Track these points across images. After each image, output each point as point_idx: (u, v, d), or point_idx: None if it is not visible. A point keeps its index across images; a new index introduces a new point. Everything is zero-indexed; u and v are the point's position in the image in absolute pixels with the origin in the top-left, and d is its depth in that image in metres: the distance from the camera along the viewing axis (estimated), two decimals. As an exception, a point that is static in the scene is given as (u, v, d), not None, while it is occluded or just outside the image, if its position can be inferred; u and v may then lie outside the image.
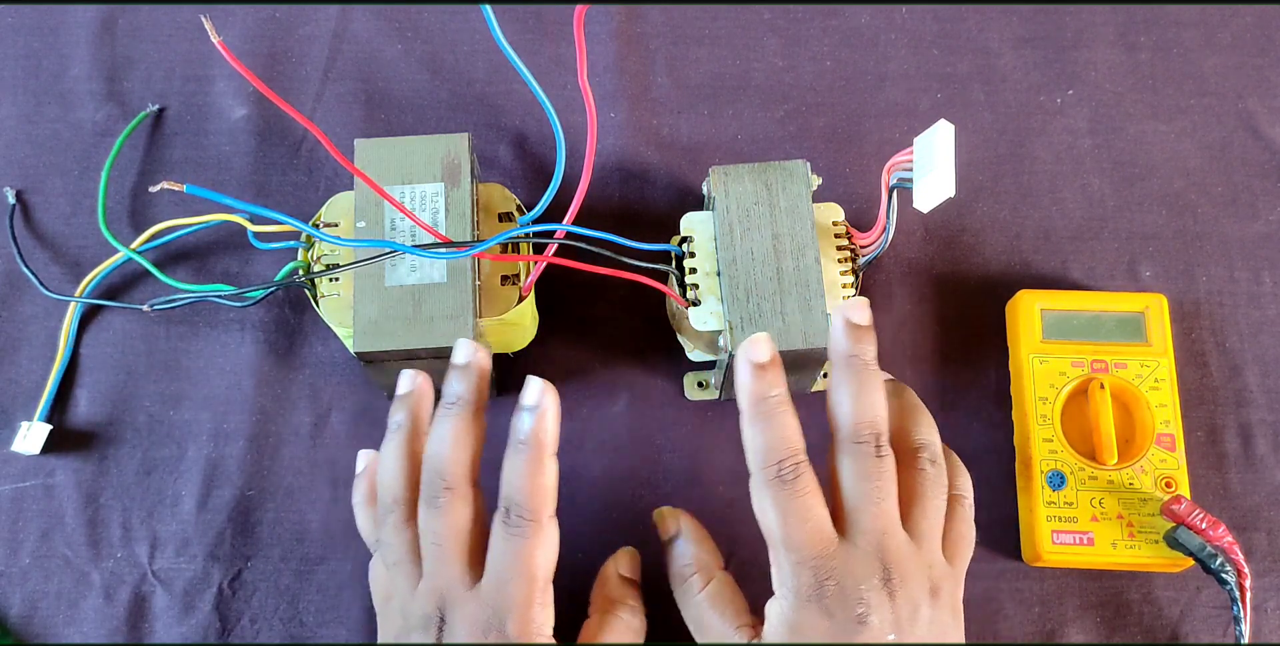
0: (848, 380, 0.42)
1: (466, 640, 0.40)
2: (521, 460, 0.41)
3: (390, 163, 0.49)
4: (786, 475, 0.40)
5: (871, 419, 0.41)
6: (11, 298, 0.55)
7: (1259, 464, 0.53)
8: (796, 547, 0.40)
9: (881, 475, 0.41)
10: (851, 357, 0.42)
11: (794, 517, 0.40)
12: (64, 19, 0.60)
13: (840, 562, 0.40)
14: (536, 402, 0.41)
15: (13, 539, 0.52)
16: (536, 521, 0.41)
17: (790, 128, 0.59)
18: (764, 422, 0.41)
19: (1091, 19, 0.61)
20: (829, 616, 0.39)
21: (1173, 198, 0.58)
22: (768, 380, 0.42)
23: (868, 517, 0.40)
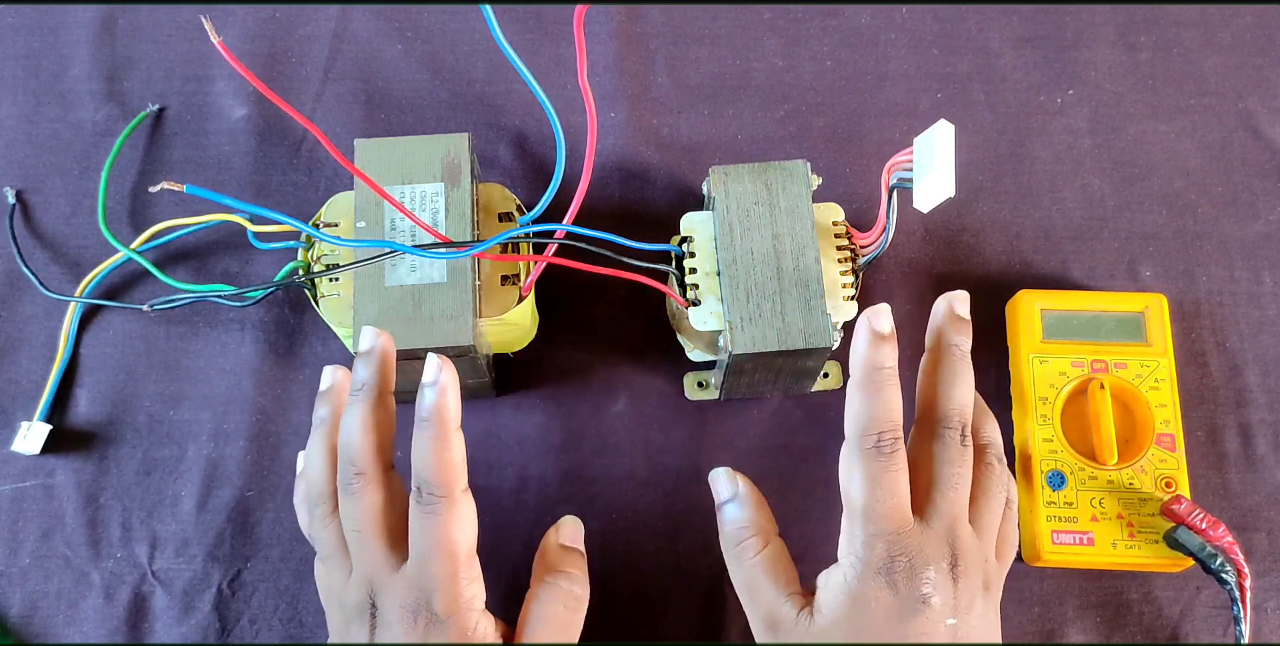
0: (954, 367, 0.44)
1: (396, 623, 0.40)
2: (426, 438, 0.41)
3: (390, 163, 0.49)
4: (885, 447, 0.41)
5: (961, 408, 0.43)
6: (11, 298, 0.55)
7: (1259, 464, 0.53)
8: (878, 519, 0.41)
9: (964, 463, 0.42)
10: (956, 347, 0.44)
11: (883, 490, 0.41)
12: (64, 19, 0.60)
13: (915, 541, 0.41)
14: (435, 379, 0.41)
15: (13, 539, 0.52)
16: (448, 497, 0.41)
17: (790, 128, 0.59)
18: (874, 392, 0.42)
19: (1091, 19, 0.61)
20: (894, 591, 0.40)
21: (1173, 198, 0.58)
22: (884, 351, 0.42)
23: (946, 502, 0.42)
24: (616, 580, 0.51)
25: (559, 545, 0.47)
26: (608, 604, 0.51)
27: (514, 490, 0.52)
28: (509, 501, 0.52)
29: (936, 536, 0.41)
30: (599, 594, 0.51)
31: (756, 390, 0.52)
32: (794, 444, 0.53)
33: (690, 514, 0.52)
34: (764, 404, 0.54)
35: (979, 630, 0.41)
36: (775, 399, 0.54)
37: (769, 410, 0.54)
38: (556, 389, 0.54)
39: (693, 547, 0.52)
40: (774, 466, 0.53)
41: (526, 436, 0.53)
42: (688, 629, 0.51)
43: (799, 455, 0.53)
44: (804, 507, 0.52)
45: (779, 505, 0.52)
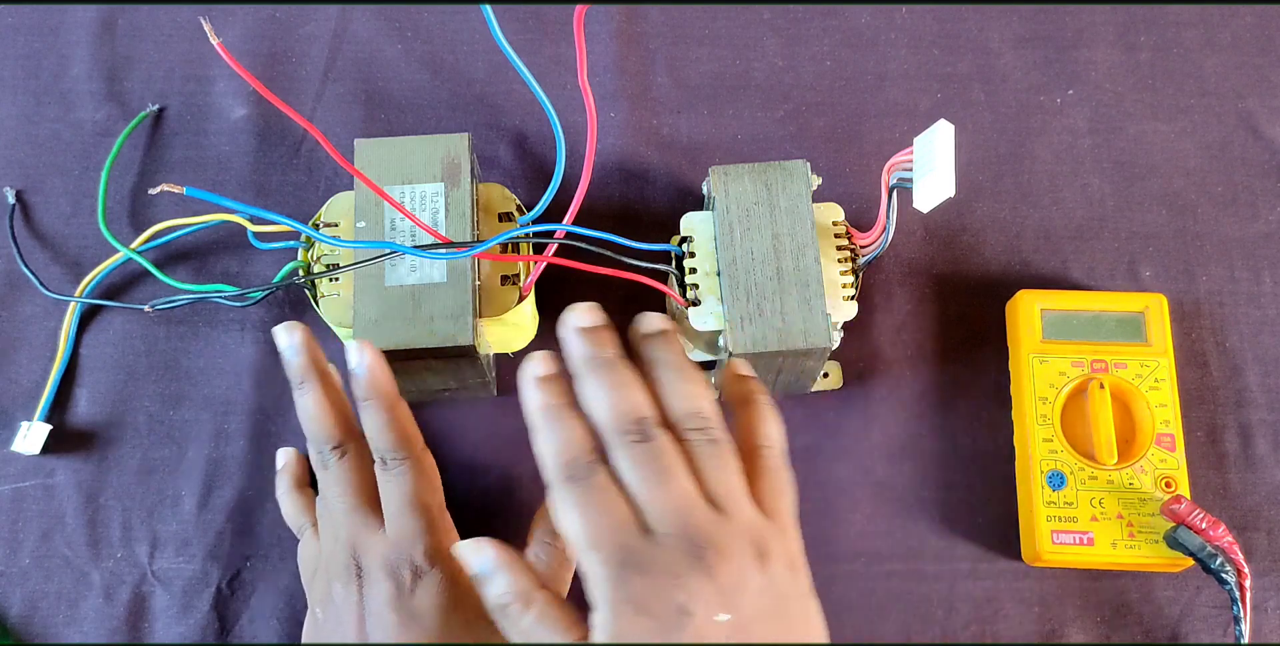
0: (593, 380, 0.40)
1: (383, 579, 0.44)
2: (373, 412, 0.45)
3: (390, 163, 0.49)
4: (579, 473, 0.38)
5: (625, 408, 0.39)
6: (11, 298, 0.55)
7: (1259, 464, 0.53)
8: (597, 545, 0.37)
9: (655, 458, 0.38)
10: (590, 359, 0.40)
11: (590, 512, 0.38)
12: (64, 19, 0.60)
13: (646, 555, 0.37)
14: (359, 362, 0.45)
15: (13, 539, 0.52)
16: (409, 457, 0.45)
17: (790, 128, 0.59)
18: (547, 429, 0.40)
19: (1091, 19, 0.61)
20: (649, 615, 0.36)
21: (1173, 198, 0.58)
22: (548, 390, 0.40)
23: (657, 503, 0.38)
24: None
25: None
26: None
27: (514, 490, 0.52)
28: (509, 501, 0.52)
29: (667, 540, 0.37)
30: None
31: None
32: (794, 444, 0.53)
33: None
34: (764, 404, 0.54)
35: (766, 608, 0.37)
36: (775, 399, 0.54)
37: (769, 410, 0.54)
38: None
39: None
40: (774, 466, 0.53)
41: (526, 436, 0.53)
42: None
43: (799, 455, 0.53)
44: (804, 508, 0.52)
45: (779, 505, 0.52)
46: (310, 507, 0.50)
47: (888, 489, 0.53)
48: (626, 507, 0.38)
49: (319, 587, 0.46)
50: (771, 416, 0.43)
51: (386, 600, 0.43)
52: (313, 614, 0.46)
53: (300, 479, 0.51)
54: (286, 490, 0.51)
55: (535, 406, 0.40)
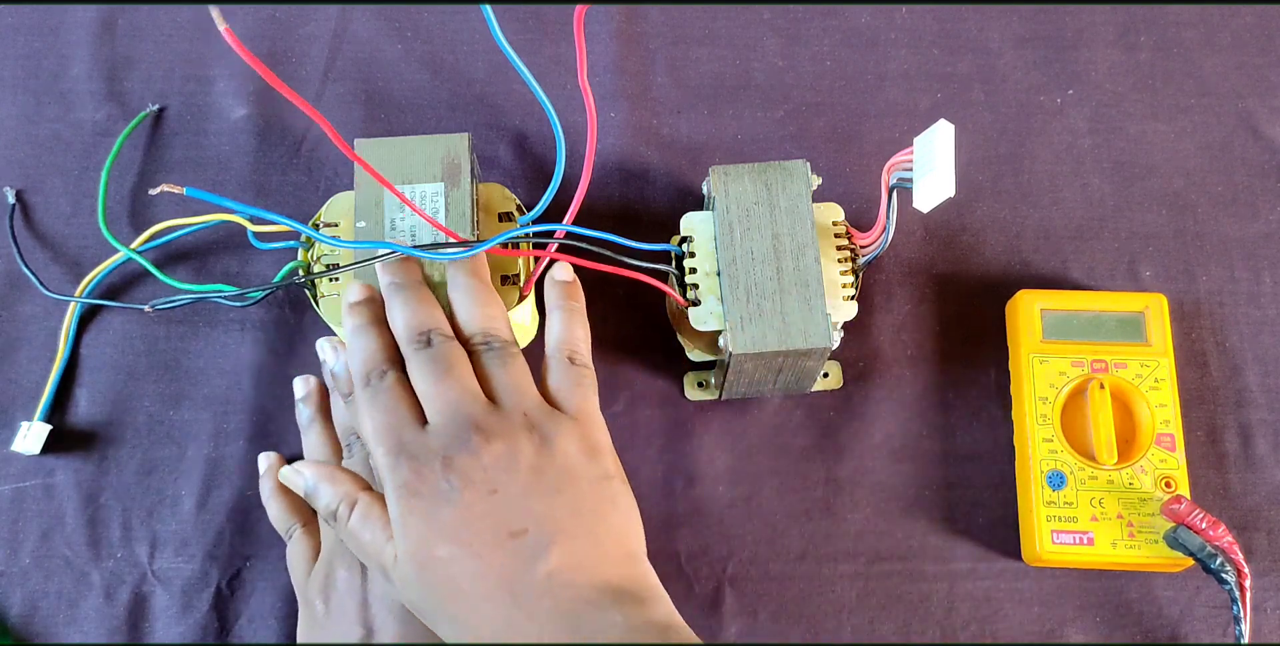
0: (393, 301, 0.45)
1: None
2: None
3: (390, 163, 0.49)
4: (373, 379, 0.43)
5: (415, 322, 0.43)
6: (11, 298, 0.55)
7: (1259, 464, 0.53)
8: (380, 439, 0.41)
9: (435, 359, 0.42)
10: (390, 284, 0.45)
11: (378, 410, 0.42)
12: (64, 19, 0.60)
13: (419, 442, 0.41)
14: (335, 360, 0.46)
15: (13, 539, 0.52)
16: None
17: (790, 128, 0.59)
18: (355, 345, 0.44)
19: (1091, 19, 0.61)
20: (419, 495, 0.40)
21: (1173, 198, 0.58)
22: (358, 313, 0.45)
23: (434, 398, 0.42)
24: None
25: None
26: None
27: None
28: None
29: (437, 430, 0.41)
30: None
31: (756, 390, 0.52)
32: (794, 444, 0.53)
33: (690, 514, 0.52)
34: (764, 404, 0.54)
35: (543, 487, 0.40)
36: (775, 399, 0.54)
37: (769, 410, 0.54)
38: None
39: (693, 547, 0.52)
40: (774, 466, 0.53)
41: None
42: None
43: (799, 455, 0.53)
44: (804, 507, 0.52)
45: (779, 504, 0.52)
46: (298, 509, 0.50)
47: (888, 489, 0.53)
48: (411, 404, 0.42)
49: (318, 579, 0.46)
50: (575, 322, 0.46)
51: None
52: (309, 608, 0.46)
53: None
54: (273, 492, 0.51)
55: (348, 328, 0.45)
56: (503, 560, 0.39)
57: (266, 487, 0.51)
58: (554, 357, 0.45)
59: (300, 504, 0.50)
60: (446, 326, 0.44)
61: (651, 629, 0.38)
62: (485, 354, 0.43)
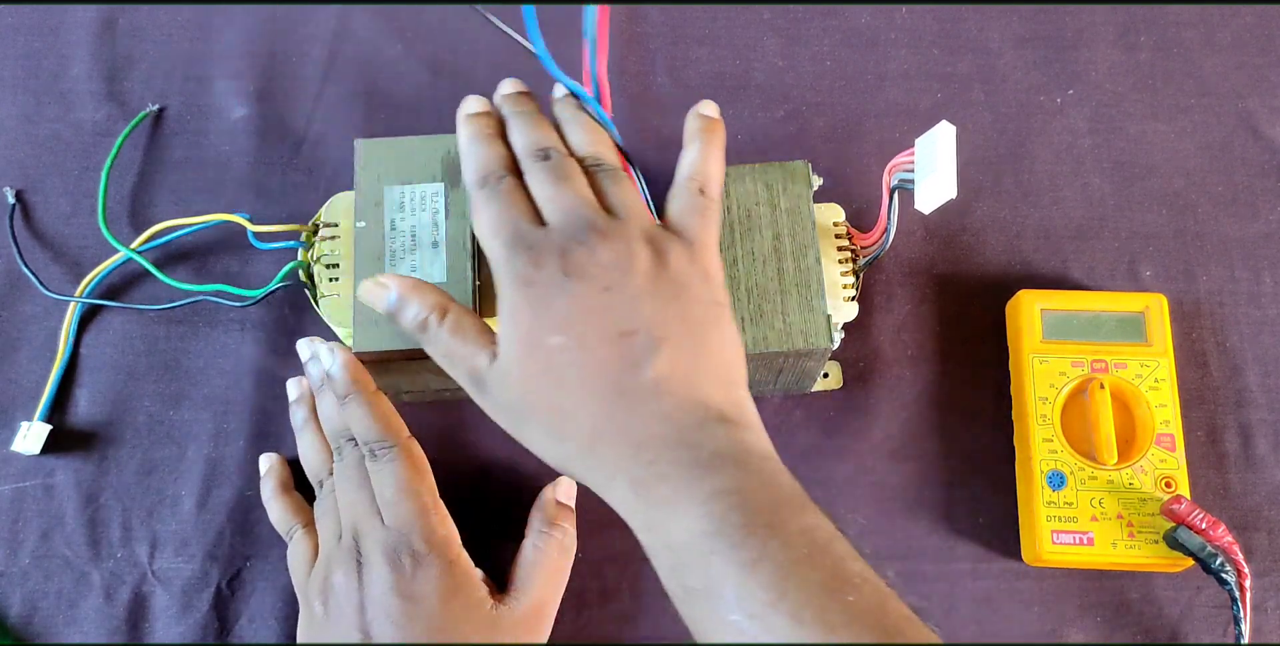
0: (513, 123, 0.46)
1: (382, 564, 0.44)
2: (353, 408, 0.46)
3: (390, 163, 0.49)
4: (491, 182, 0.43)
5: (535, 139, 0.44)
6: (11, 297, 0.55)
7: (1259, 464, 0.53)
8: (496, 232, 0.41)
9: (553, 168, 0.43)
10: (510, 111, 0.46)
11: (494, 207, 0.42)
12: (64, 19, 0.60)
13: (537, 235, 0.41)
14: (331, 363, 0.47)
15: (13, 539, 0.52)
16: (396, 445, 0.46)
17: (790, 128, 0.59)
18: (470, 152, 0.45)
19: (1091, 19, 0.61)
20: (533, 285, 0.40)
21: (1173, 198, 0.58)
22: (476, 123, 0.46)
23: (552, 200, 0.42)
24: (616, 579, 0.51)
25: (556, 501, 0.50)
26: (607, 602, 0.51)
27: (515, 490, 0.52)
28: (510, 501, 0.52)
29: (559, 223, 0.41)
30: (598, 593, 0.51)
31: (757, 390, 0.52)
32: (794, 444, 0.53)
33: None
34: (764, 404, 0.54)
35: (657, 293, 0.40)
36: (775, 399, 0.54)
37: (769, 410, 0.54)
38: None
39: (693, 547, 0.52)
40: (774, 466, 0.53)
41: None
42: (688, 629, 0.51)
43: (799, 455, 0.53)
44: (804, 507, 0.52)
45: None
46: (299, 510, 0.50)
47: (888, 489, 0.53)
48: (527, 204, 0.42)
49: (317, 581, 0.46)
50: (712, 155, 0.45)
51: (388, 586, 0.44)
52: (309, 609, 0.46)
53: (286, 482, 0.51)
54: (274, 493, 0.51)
55: (464, 137, 0.45)
56: (611, 356, 0.39)
57: (268, 488, 0.51)
58: (682, 185, 0.44)
59: (301, 505, 0.50)
60: (563, 147, 0.45)
61: (753, 452, 0.38)
62: (598, 173, 0.44)
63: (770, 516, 0.36)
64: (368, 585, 0.44)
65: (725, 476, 0.36)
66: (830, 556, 0.35)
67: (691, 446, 0.37)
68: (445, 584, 0.44)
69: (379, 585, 0.44)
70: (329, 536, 0.47)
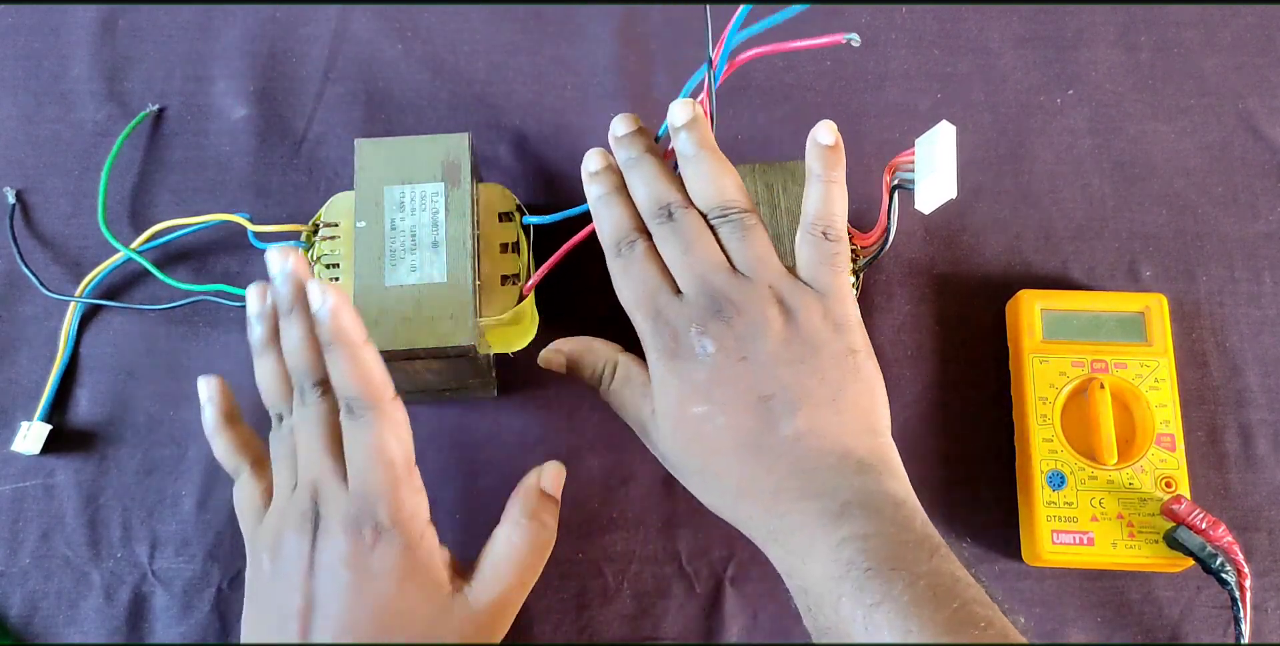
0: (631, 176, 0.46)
1: (341, 534, 0.41)
2: (340, 357, 0.41)
3: (390, 163, 0.49)
4: (624, 249, 0.45)
5: (655, 196, 0.46)
6: (11, 297, 0.55)
7: (1259, 464, 0.53)
8: (639, 305, 0.45)
9: (679, 231, 0.45)
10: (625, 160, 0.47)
11: (634, 279, 0.45)
12: (64, 19, 0.60)
13: (674, 309, 0.44)
14: (321, 303, 0.40)
15: (13, 539, 0.52)
16: (377, 406, 0.41)
17: (790, 128, 0.59)
18: (602, 215, 0.47)
19: (1091, 19, 0.61)
20: (676, 358, 0.43)
21: (1173, 198, 0.58)
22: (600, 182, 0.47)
23: (682, 267, 0.44)
24: (616, 579, 0.51)
25: (540, 490, 0.46)
26: (607, 602, 0.51)
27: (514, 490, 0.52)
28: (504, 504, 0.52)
29: (692, 298, 0.44)
30: (598, 593, 0.51)
31: None
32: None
33: (690, 514, 0.52)
34: (764, 404, 0.54)
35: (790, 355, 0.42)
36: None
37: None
38: (556, 389, 0.54)
39: (693, 547, 0.52)
40: (774, 466, 0.53)
41: (527, 436, 0.53)
42: (688, 629, 0.51)
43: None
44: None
45: (779, 505, 0.52)
46: (246, 445, 0.47)
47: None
48: (661, 273, 0.45)
49: (268, 534, 0.43)
50: (835, 195, 0.45)
51: (342, 557, 0.41)
52: (257, 561, 0.44)
53: (231, 412, 0.47)
54: (218, 425, 0.47)
55: (592, 197, 0.47)
56: (751, 420, 0.42)
57: (211, 418, 0.47)
58: (808, 231, 0.45)
59: (248, 439, 0.47)
60: (683, 197, 0.46)
61: (886, 499, 0.40)
62: (725, 226, 0.45)
63: (897, 561, 0.38)
64: (321, 551, 0.41)
65: (855, 524, 0.39)
66: (957, 599, 0.37)
67: (823, 497, 0.40)
68: (405, 562, 0.41)
69: (332, 552, 0.41)
70: (284, 484, 0.44)
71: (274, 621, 0.42)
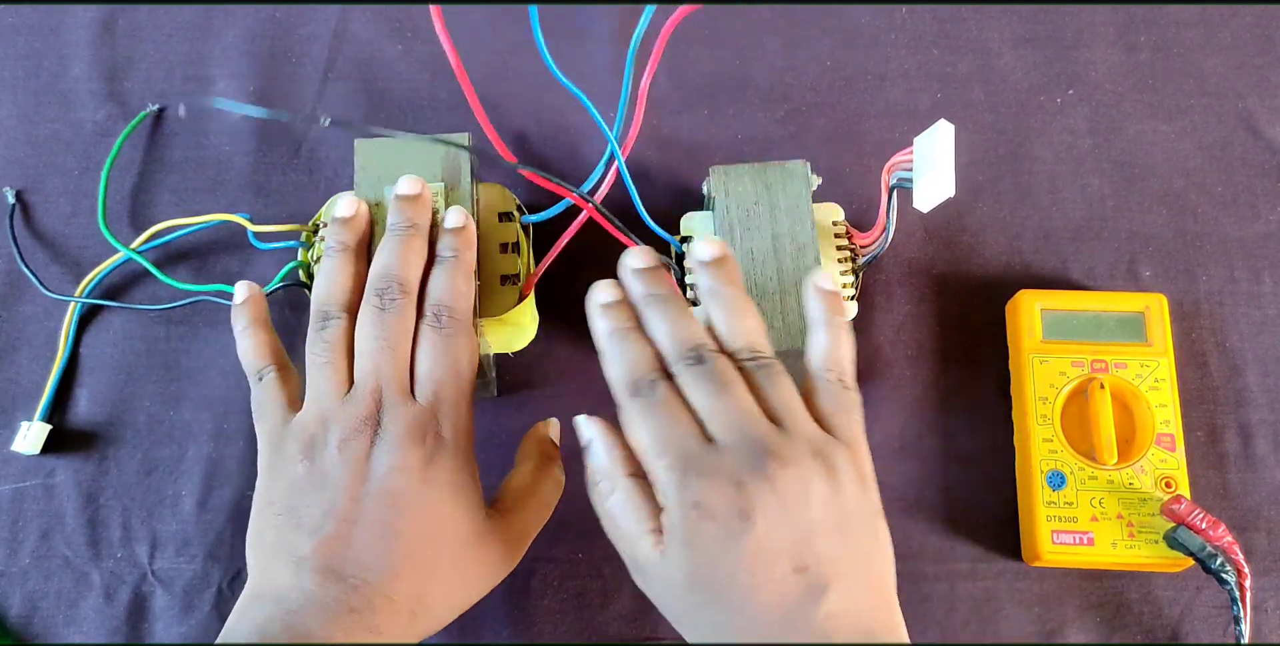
0: (651, 313, 0.43)
1: (404, 440, 0.41)
2: (446, 271, 0.44)
3: (390, 163, 0.49)
4: (644, 390, 0.41)
5: (681, 337, 0.42)
6: (11, 298, 0.55)
7: (1259, 464, 0.53)
8: (662, 452, 0.40)
9: (711, 375, 0.41)
10: (646, 296, 0.43)
11: (654, 422, 0.40)
12: (64, 19, 0.60)
13: (708, 461, 0.39)
14: (460, 223, 0.45)
15: (13, 539, 0.52)
16: (464, 322, 0.44)
17: (790, 128, 0.59)
18: (615, 352, 0.42)
19: (1091, 19, 0.61)
20: (710, 518, 0.38)
21: (1173, 198, 0.58)
22: (613, 315, 0.43)
23: (716, 413, 0.40)
24: (616, 579, 0.51)
25: (549, 439, 0.48)
26: (608, 602, 0.51)
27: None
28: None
29: (728, 449, 0.39)
30: (598, 593, 0.51)
31: None
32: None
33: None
34: (764, 404, 0.54)
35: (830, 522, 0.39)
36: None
37: (769, 410, 0.54)
38: (556, 389, 0.54)
39: (693, 547, 0.52)
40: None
41: (526, 436, 0.53)
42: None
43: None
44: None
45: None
46: (274, 350, 0.46)
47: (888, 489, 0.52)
48: (690, 419, 0.40)
49: (304, 433, 0.42)
50: (843, 339, 0.43)
51: (403, 463, 0.41)
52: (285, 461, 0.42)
53: (263, 317, 0.47)
54: (249, 326, 0.46)
55: (603, 331, 0.43)
56: (784, 592, 0.38)
57: (243, 319, 0.46)
58: (822, 378, 0.42)
59: (277, 345, 0.46)
60: (711, 341, 0.42)
61: None
62: (756, 371, 0.42)
63: None
64: (378, 455, 0.41)
65: None
66: None
67: None
68: (457, 478, 0.42)
69: (391, 457, 0.41)
70: (330, 390, 0.43)
71: (309, 521, 0.41)
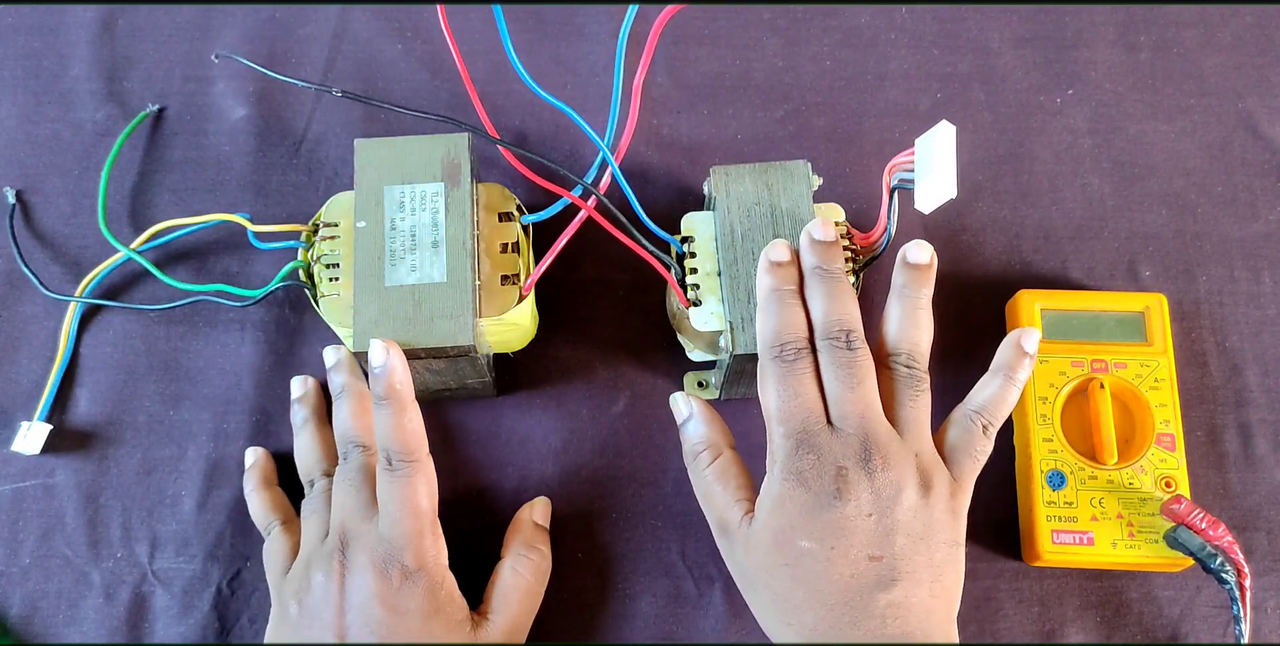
0: (815, 285, 0.45)
1: (368, 572, 0.44)
2: (386, 414, 0.45)
3: (390, 163, 0.49)
4: (788, 356, 0.44)
5: (839, 318, 0.44)
6: (11, 298, 0.55)
7: (1259, 464, 0.53)
8: (785, 420, 0.43)
9: (853, 365, 0.43)
10: (816, 267, 0.45)
11: (788, 392, 0.43)
12: (64, 19, 0.60)
13: (823, 440, 0.43)
14: (383, 362, 0.44)
15: (13, 539, 0.52)
16: (415, 461, 0.45)
17: (790, 128, 0.59)
18: (773, 310, 0.45)
19: (1091, 19, 0.61)
20: (806, 488, 0.42)
21: (1173, 198, 0.58)
22: (781, 275, 0.45)
23: (845, 403, 0.43)
24: (616, 579, 0.51)
25: (533, 522, 0.51)
26: (610, 604, 0.51)
27: (514, 490, 0.52)
28: (509, 501, 0.52)
29: (844, 435, 0.42)
30: (600, 594, 0.51)
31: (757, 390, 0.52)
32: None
33: (692, 514, 0.52)
34: (764, 404, 0.54)
35: (913, 528, 0.42)
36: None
37: (769, 410, 0.54)
38: (557, 389, 0.54)
39: (693, 547, 0.52)
40: (774, 466, 0.53)
41: (527, 436, 0.53)
42: (688, 628, 0.51)
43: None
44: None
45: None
46: (279, 506, 0.50)
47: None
48: (819, 397, 0.44)
49: (295, 580, 0.46)
50: (1010, 397, 0.45)
51: (373, 594, 0.44)
52: (283, 610, 0.46)
53: (270, 477, 0.51)
54: (255, 487, 0.51)
55: (767, 286, 0.45)
56: (854, 575, 0.41)
57: (251, 482, 0.51)
58: (969, 417, 0.45)
59: (282, 501, 0.50)
60: (862, 330, 0.44)
61: None
62: (905, 378, 0.44)
63: None
64: (350, 590, 0.44)
65: None
66: None
67: None
68: (430, 601, 0.44)
69: (362, 591, 0.44)
70: (313, 536, 0.47)
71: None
